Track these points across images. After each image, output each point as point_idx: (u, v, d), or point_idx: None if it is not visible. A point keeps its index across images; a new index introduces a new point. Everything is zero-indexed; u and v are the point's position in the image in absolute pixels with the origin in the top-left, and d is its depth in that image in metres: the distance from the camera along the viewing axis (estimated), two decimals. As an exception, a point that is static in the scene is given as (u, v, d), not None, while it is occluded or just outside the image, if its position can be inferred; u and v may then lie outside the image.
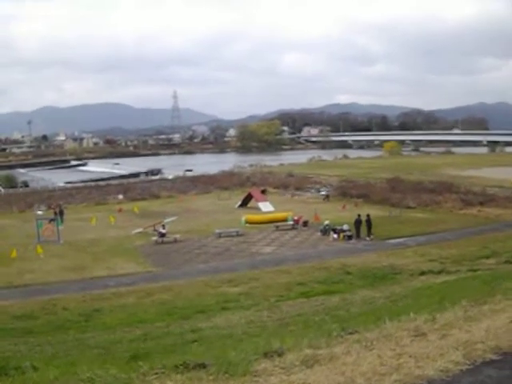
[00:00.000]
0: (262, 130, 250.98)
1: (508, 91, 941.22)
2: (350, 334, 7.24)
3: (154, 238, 46.77)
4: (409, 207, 60.10)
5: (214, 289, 31.54)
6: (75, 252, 44.28)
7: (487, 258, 35.92)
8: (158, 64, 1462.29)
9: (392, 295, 23.92)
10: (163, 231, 47.03)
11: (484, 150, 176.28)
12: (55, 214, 58.51)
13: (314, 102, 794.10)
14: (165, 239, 46.58)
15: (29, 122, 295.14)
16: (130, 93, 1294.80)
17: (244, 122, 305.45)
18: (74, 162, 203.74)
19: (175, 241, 46.62)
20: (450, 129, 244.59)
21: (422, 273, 31.49)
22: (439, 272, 31.17)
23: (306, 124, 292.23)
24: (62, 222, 55.86)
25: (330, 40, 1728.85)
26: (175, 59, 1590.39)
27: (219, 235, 47.78)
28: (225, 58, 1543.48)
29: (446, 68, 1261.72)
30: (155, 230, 48.10)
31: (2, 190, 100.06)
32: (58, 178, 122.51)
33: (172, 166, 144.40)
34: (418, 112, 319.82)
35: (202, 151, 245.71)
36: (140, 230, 50.61)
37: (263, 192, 69.10)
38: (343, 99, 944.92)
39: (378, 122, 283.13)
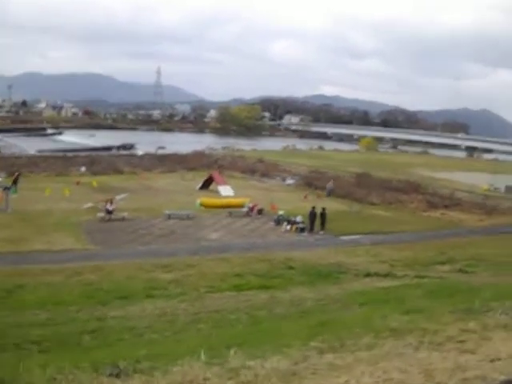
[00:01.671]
0: (242, 114, 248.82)
1: (492, 99, 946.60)
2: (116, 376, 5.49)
3: (101, 215, 44.95)
4: (372, 204, 58.72)
5: (147, 273, 29.82)
6: (20, 222, 42.52)
7: (442, 264, 34.66)
8: (147, 38, 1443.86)
9: (325, 298, 22.55)
10: (110, 208, 45.17)
11: (462, 154, 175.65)
12: (13, 182, 56.64)
13: (299, 90, 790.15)
14: (112, 216, 44.75)
15: (9, 87, 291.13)
16: (116, 65, 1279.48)
17: (227, 105, 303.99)
18: (49, 131, 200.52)
19: (123, 219, 44.83)
20: (431, 130, 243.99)
21: (368, 274, 29.93)
22: (385, 275, 29.63)
23: (288, 112, 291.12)
24: (16, 190, 53.98)
25: (322, 31, 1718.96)
26: (165, 35, 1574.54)
27: (169, 216, 46.04)
28: (215, 39, 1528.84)
29: (433, 70, 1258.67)
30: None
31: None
32: (30, 146, 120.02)
33: (147, 143, 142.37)
34: (401, 111, 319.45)
35: (181, 130, 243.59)
36: (91, 204, 48.73)
37: (219, 172, 67.54)
38: (328, 91, 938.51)
39: (359, 116, 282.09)
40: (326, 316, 14.11)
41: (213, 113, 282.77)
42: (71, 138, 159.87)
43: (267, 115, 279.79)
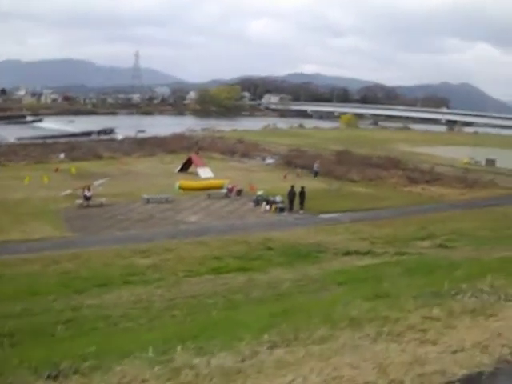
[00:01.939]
0: (222, 95, 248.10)
1: (472, 73, 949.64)
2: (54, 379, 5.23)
3: (79, 201, 44.53)
4: (352, 181, 58.52)
5: (125, 259, 29.50)
6: (-3, 212, 41.94)
7: (422, 239, 34.58)
8: (124, 22, 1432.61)
9: (303, 278, 22.35)
10: (88, 194, 44.76)
11: (442, 128, 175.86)
12: None
13: (278, 69, 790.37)
14: (91, 203, 44.39)
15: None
16: (94, 50, 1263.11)
17: (207, 86, 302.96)
18: (29, 118, 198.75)
19: (101, 205, 44.43)
20: (411, 105, 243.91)
21: (347, 253, 29.72)
22: (365, 253, 29.50)
23: (268, 91, 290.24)
24: (-8, 180, 53.69)
25: (300, 9, 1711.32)
26: (142, 19, 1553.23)
27: (147, 201, 45.72)
28: (192, 21, 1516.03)
29: (411, 46, 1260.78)
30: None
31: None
32: (10, 134, 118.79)
33: (127, 126, 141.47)
34: (381, 87, 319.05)
35: (161, 113, 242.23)
36: (69, 191, 48.24)
37: (196, 154, 67.15)
38: (308, 69, 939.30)
39: (339, 93, 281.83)
40: (294, 301, 13.82)
41: (192, 94, 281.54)
42: (51, 125, 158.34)
43: (247, 95, 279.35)
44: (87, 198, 44.51)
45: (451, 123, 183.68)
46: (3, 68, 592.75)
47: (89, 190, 45.44)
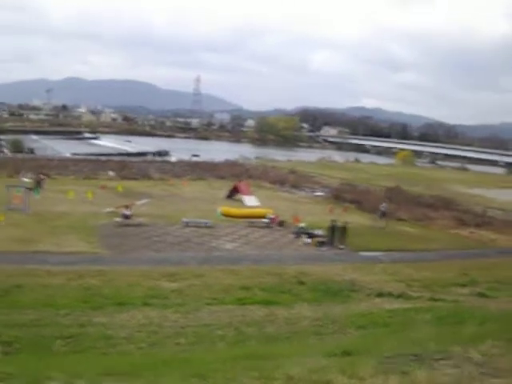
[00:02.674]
0: (279, 124, 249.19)
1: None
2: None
3: (117, 219, 44.26)
4: (400, 219, 56.80)
5: (151, 281, 28.80)
6: (35, 223, 42.19)
7: (462, 286, 32.67)
8: (188, 47, 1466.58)
9: (324, 318, 21.28)
10: (127, 213, 44.51)
11: (501, 170, 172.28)
12: (37, 183, 57.23)
13: (338, 101, 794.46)
14: (129, 222, 44.11)
15: (48, 90, 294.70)
16: (156, 73, 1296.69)
17: (267, 115, 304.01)
18: (86, 135, 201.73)
19: (139, 224, 44.04)
20: (470, 145, 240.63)
21: (380, 294, 28.48)
22: (398, 296, 28.19)
23: (326, 123, 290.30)
24: (38, 192, 53.86)
25: (362, 42, 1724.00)
26: (205, 44, 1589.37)
27: (186, 224, 45.10)
28: (255, 49, 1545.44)
29: (473, 83, 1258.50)
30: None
31: (9, 153, 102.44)
32: (66, 149, 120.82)
33: (183, 150, 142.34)
34: (440, 124, 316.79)
35: (218, 138, 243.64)
36: (111, 209, 48.18)
37: (243, 182, 66.51)
38: (369, 103, 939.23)
39: (398, 130, 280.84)
40: (271, 346, 12.78)
41: (251, 122, 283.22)
42: (107, 143, 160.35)
43: (305, 126, 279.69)
44: (126, 217, 44.30)
45: (510, 165, 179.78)
46: (66, 85, 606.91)
47: (129, 208, 45.20)
